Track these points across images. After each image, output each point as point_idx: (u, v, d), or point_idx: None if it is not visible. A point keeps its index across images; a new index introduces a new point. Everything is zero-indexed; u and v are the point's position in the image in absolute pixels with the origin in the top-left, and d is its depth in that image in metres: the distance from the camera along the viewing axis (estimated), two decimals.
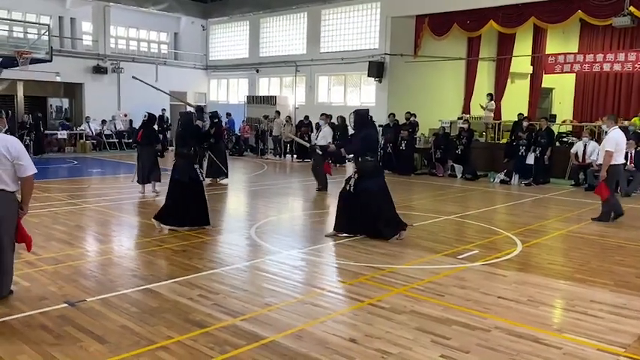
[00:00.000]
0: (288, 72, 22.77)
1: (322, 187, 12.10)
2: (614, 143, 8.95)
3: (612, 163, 8.90)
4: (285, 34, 23.24)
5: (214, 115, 12.71)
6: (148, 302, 4.87)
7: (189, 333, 4.17)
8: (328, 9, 21.34)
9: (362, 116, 7.75)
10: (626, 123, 14.61)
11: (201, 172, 8.08)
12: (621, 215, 9.16)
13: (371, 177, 7.47)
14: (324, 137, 12.40)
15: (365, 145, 7.56)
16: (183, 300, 4.93)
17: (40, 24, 20.16)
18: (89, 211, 9.35)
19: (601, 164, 9.25)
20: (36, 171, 4.54)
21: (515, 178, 14.60)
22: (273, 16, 23.51)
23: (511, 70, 20.91)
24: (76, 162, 17.90)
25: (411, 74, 18.99)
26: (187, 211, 7.77)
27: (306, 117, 20.09)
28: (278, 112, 21.16)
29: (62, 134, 21.50)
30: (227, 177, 13.26)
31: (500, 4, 16.49)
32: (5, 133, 5.00)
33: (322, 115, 13.69)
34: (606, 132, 9.48)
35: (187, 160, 7.87)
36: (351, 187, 7.47)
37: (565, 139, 16.10)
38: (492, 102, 18.97)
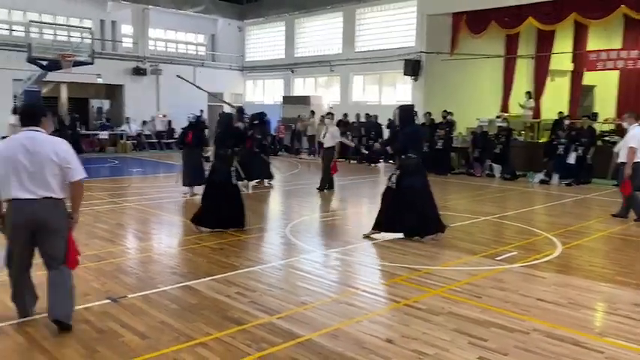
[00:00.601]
0: (322, 72, 22.83)
1: (323, 187, 11.89)
2: (638, 140, 8.92)
3: (636, 160, 8.88)
4: (320, 34, 23.30)
5: (261, 115, 12.67)
6: (186, 299, 4.97)
7: (227, 330, 4.24)
8: (363, 8, 21.30)
9: (407, 112, 7.66)
10: None
11: (237, 174, 7.97)
12: None
13: (413, 174, 7.33)
14: (332, 137, 11.97)
15: (409, 141, 7.43)
16: (220, 297, 5.02)
17: (82, 27, 20.75)
18: (130, 210, 9.59)
19: (623, 162, 9.15)
20: (85, 175, 4.19)
21: (555, 178, 14.27)
22: (309, 16, 23.60)
23: (551, 68, 20.41)
24: (116, 162, 18.37)
25: (447, 72, 18.78)
26: (220, 212, 7.73)
27: (345, 115, 20.06)
28: (312, 112, 21.24)
29: (103, 134, 22.09)
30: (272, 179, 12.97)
31: (540, 0, 16.13)
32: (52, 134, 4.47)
33: (328, 114, 13.22)
34: (627, 129, 9.44)
35: (224, 161, 7.89)
36: (393, 184, 7.37)
37: (607, 138, 15.62)
38: (531, 100, 18.57)
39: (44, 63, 17.86)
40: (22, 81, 18.69)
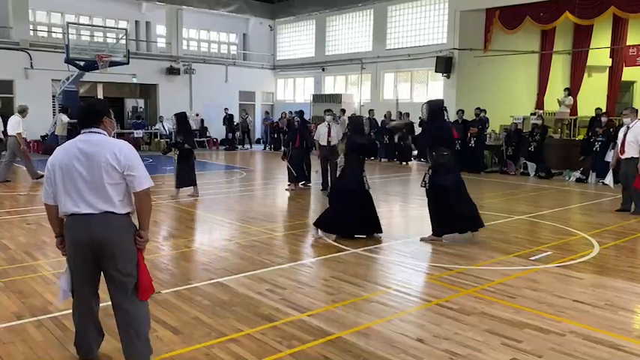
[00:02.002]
0: (353, 70, 22.77)
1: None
2: None
3: None
4: (351, 31, 23.26)
5: (301, 113, 12.60)
6: (218, 295, 5.03)
7: (259, 326, 4.27)
8: (394, 5, 21.15)
9: (435, 108, 7.39)
10: None
11: (366, 180, 7.61)
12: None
13: (446, 173, 7.10)
14: (338, 136, 11.73)
15: (437, 138, 7.21)
16: (252, 294, 5.06)
17: (118, 28, 21.22)
18: (163, 207, 9.75)
19: (629, 157, 9.39)
20: (152, 184, 3.42)
21: (592, 177, 13.92)
22: (339, 14, 23.57)
23: (588, 64, 19.93)
24: (151, 160, 18.67)
25: (480, 69, 18.51)
26: (354, 220, 7.34)
27: (371, 112, 19.96)
28: (343, 110, 21.19)
29: (138, 133, 22.51)
30: (309, 181, 12.55)
31: None
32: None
33: (327, 110, 12.41)
34: (629, 126, 9.47)
35: (357, 167, 7.52)
36: (426, 184, 7.23)
37: None
38: (570, 97, 18.15)
39: (81, 63, 18.33)
40: (60, 81, 19.22)
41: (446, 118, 7.46)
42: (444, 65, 18.61)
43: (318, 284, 5.45)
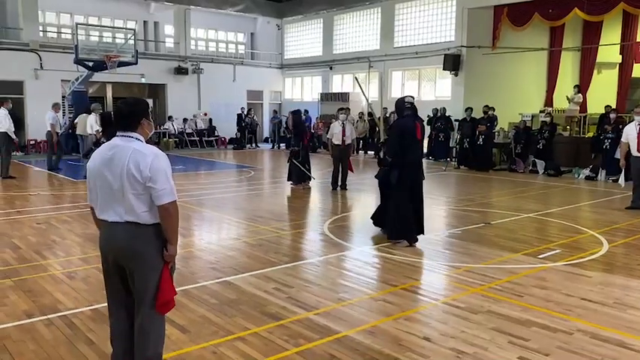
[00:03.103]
0: (361, 68, 22.73)
1: (339, 184, 11.63)
2: None
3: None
4: (358, 30, 23.22)
5: (297, 116, 12.51)
6: (226, 294, 5.05)
7: (265, 325, 4.29)
8: (402, 3, 21.10)
9: (397, 104, 7.14)
10: None
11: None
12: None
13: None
14: (351, 134, 11.69)
15: (401, 136, 6.90)
16: (259, 292, 5.08)
17: (126, 29, 21.31)
18: None
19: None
20: (175, 198, 3.24)
21: (602, 174, 13.82)
22: (347, 12, 23.54)
23: (598, 60, 19.77)
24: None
25: (488, 67, 18.42)
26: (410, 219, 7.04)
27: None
28: (348, 109, 21.15)
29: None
30: (310, 180, 12.31)
31: None
32: (150, 141, 3.48)
33: (341, 109, 12.21)
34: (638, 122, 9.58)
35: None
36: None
37: None
38: (579, 94, 18.01)
39: (90, 64, 18.43)
40: (69, 82, 19.35)
41: (406, 114, 7.02)
42: (452, 63, 18.54)
43: (325, 283, 5.46)
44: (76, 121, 17.30)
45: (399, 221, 7.03)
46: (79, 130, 17.63)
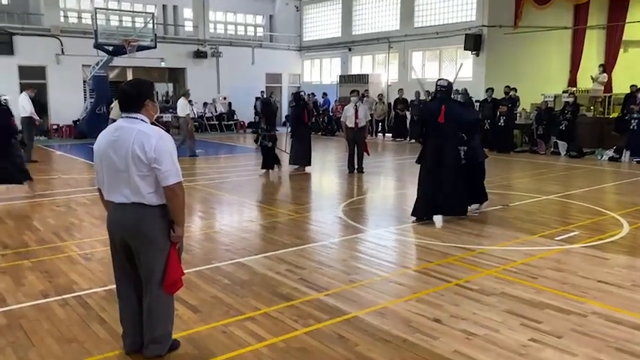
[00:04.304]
0: (380, 49, 22.47)
1: (357, 168, 11.50)
2: None
3: None
4: (377, 10, 22.89)
5: (297, 96, 12.52)
6: (238, 275, 5.08)
7: (276, 305, 4.31)
8: None
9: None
10: None
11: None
12: None
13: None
14: (365, 116, 11.56)
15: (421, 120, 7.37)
16: (271, 274, 5.10)
17: (145, 13, 21.36)
18: (190, 189, 9.86)
19: None
20: (181, 179, 3.23)
21: (626, 155, 13.51)
22: None
23: (624, 39, 19.21)
24: (179, 143, 18.91)
25: (510, 47, 18.04)
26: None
27: (400, 90, 19.69)
28: (359, 92, 20.95)
29: (167, 117, 22.74)
30: (309, 165, 12.12)
31: None
32: (156, 123, 3.56)
33: (353, 91, 12.11)
34: None
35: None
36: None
37: None
38: (604, 74, 17.54)
39: (110, 48, 18.56)
40: (90, 67, 19.53)
41: (426, 98, 7.28)
42: (474, 43, 18.19)
43: (336, 264, 5.45)
44: (111, 106, 17.56)
45: (416, 199, 7.22)
46: (114, 115, 17.81)
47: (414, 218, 7.20)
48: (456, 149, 7.11)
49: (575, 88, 17.98)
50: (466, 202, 7.33)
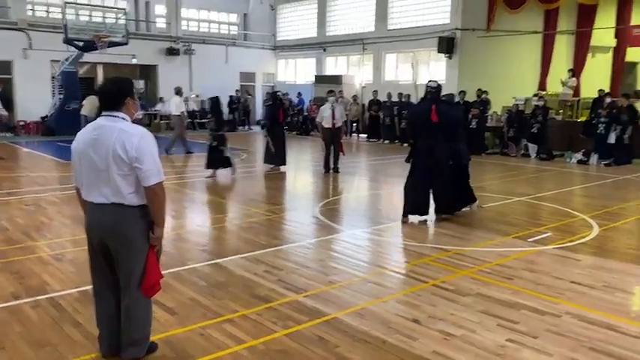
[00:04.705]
0: (355, 50, 22.55)
1: (332, 167, 11.53)
2: None
3: None
4: (352, 11, 22.97)
5: (273, 96, 12.51)
6: (215, 276, 5.03)
7: (254, 307, 4.27)
8: None
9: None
10: None
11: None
12: None
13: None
14: (341, 116, 11.64)
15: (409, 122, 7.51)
16: (248, 275, 5.06)
17: (117, 8, 20.99)
18: None
19: None
20: (163, 179, 3.19)
21: (594, 158, 13.85)
22: None
23: (592, 44, 19.69)
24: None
25: (483, 50, 18.32)
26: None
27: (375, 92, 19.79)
28: (335, 92, 21.02)
29: (138, 114, 22.37)
30: (283, 165, 12.02)
31: None
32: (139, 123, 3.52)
33: (330, 91, 12.09)
34: None
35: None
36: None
37: None
38: (574, 78, 17.97)
39: (80, 44, 18.18)
40: (59, 62, 19.09)
41: (414, 100, 7.42)
42: (447, 46, 18.41)
43: (314, 265, 5.44)
44: (83, 102, 17.24)
45: (405, 198, 7.28)
46: (85, 111, 17.50)
47: (403, 218, 7.24)
48: (447, 148, 7.20)
49: (545, 92, 18.37)
50: (453, 200, 7.44)
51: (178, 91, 14.85)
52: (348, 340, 3.74)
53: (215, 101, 11.38)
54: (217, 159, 10.88)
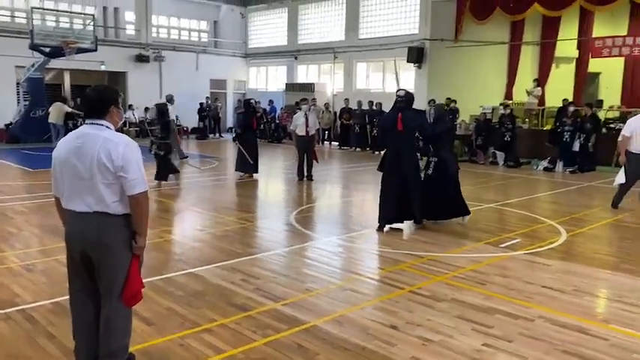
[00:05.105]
0: (326, 59, 22.69)
1: (305, 175, 11.55)
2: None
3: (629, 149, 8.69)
4: (323, 20, 23.14)
5: (246, 103, 12.51)
6: (192, 286, 4.99)
7: (232, 316, 4.26)
8: None
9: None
10: None
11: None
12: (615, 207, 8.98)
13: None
14: (315, 124, 11.77)
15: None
16: (225, 284, 5.04)
17: (85, 14, 20.64)
18: None
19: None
20: (146, 188, 3.16)
21: (559, 166, 14.23)
22: (312, 2, 23.40)
23: (556, 55, 20.25)
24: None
25: (451, 60, 18.65)
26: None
27: (347, 100, 19.92)
28: (307, 100, 21.09)
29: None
30: (256, 172, 11.94)
31: None
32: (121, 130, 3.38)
33: (303, 99, 12.27)
34: None
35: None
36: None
37: (612, 126, 15.54)
38: (539, 88, 18.45)
39: (47, 50, 17.81)
40: (25, 68, 18.66)
41: (397, 107, 7.39)
42: (416, 55, 18.69)
43: (291, 273, 5.46)
44: (49, 109, 16.93)
45: (379, 207, 7.35)
46: (52, 119, 17.15)
47: (378, 226, 7.27)
48: (413, 157, 7.26)
49: (511, 101, 18.80)
50: (421, 211, 7.36)
51: (170, 99, 14.82)
52: (328, 348, 3.77)
53: (162, 107, 11.02)
54: (167, 169, 10.58)
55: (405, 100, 7.28)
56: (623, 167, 8.93)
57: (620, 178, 8.96)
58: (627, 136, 8.78)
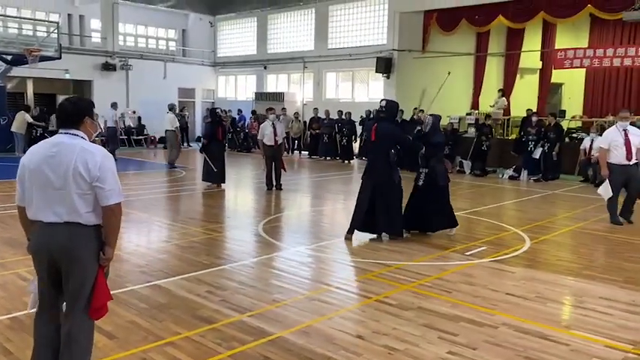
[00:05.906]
0: (295, 68, 22.76)
1: (273, 184, 11.55)
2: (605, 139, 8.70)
3: (609, 161, 8.53)
4: (292, 30, 23.22)
5: (212, 113, 12.45)
6: (156, 298, 4.90)
7: (197, 329, 4.19)
8: (336, 5, 21.28)
9: None
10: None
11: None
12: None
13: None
14: (282, 134, 11.82)
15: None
16: (191, 296, 4.96)
17: (49, 22, 20.25)
18: None
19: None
20: (122, 199, 3.15)
21: (524, 174, 14.53)
22: (281, 12, 23.48)
23: (520, 66, 20.77)
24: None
25: (419, 70, 18.90)
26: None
27: (315, 110, 19.98)
28: (284, 109, 21.15)
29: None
30: (223, 182, 11.96)
31: None
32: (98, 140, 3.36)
33: (270, 109, 12.21)
34: (626, 129, 8.58)
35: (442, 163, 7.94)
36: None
37: (575, 135, 15.98)
38: (503, 98, 18.83)
39: (9, 58, 17.40)
40: None
41: (379, 117, 7.50)
42: (384, 66, 18.90)
43: (258, 284, 5.41)
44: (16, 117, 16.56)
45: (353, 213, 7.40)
46: (15, 128, 16.73)
47: (346, 234, 7.30)
48: (386, 168, 7.23)
49: (477, 111, 19.15)
50: (400, 223, 7.33)
51: (172, 108, 16.00)
52: (293, 359, 3.74)
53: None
54: None
55: (385, 110, 7.32)
56: (606, 180, 8.50)
57: (607, 191, 8.50)
58: (605, 148, 8.59)
